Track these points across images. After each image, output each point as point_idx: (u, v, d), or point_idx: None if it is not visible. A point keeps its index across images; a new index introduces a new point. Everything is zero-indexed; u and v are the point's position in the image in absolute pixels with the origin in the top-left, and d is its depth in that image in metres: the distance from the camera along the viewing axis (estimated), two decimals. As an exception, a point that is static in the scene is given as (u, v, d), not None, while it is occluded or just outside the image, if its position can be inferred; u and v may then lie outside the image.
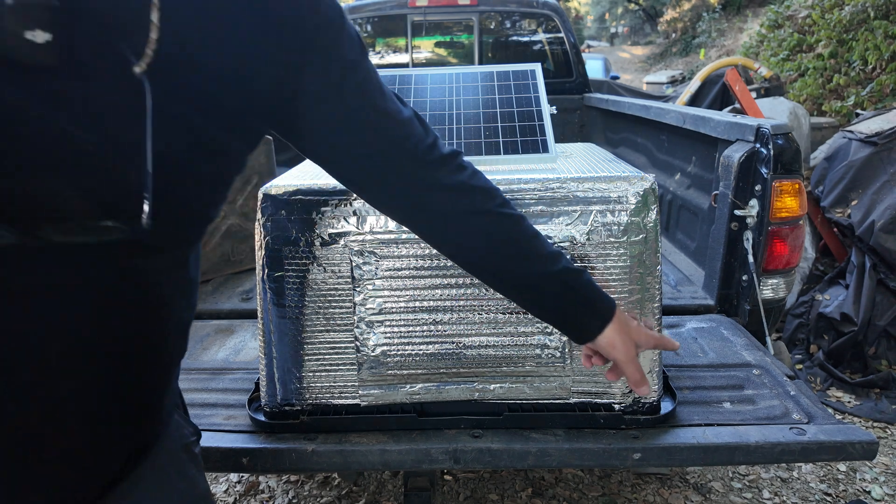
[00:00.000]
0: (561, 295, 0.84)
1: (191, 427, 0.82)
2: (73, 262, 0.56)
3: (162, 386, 0.72)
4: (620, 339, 0.85)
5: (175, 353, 0.73)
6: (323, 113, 0.70)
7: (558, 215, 1.23)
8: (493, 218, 0.80)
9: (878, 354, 2.77)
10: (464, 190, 0.79)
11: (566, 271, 0.83)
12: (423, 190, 0.78)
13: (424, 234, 0.85)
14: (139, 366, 0.66)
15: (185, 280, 0.70)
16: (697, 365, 1.53)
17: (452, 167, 0.79)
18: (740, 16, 13.80)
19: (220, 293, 2.08)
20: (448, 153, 0.79)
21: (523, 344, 1.25)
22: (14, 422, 0.57)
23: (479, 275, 0.87)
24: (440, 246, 0.85)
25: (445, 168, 0.78)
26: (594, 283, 0.86)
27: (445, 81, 1.74)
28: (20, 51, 0.45)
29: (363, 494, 2.11)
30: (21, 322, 0.55)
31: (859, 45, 5.65)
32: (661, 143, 2.60)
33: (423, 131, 0.77)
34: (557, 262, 0.82)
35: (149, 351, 0.67)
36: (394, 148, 0.75)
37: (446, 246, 0.84)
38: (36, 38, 0.45)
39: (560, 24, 3.81)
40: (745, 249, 1.72)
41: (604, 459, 1.23)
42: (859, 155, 3.06)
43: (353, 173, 0.78)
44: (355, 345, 1.26)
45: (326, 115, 0.71)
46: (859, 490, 2.13)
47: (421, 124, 0.78)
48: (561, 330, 0.91)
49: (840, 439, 1.21)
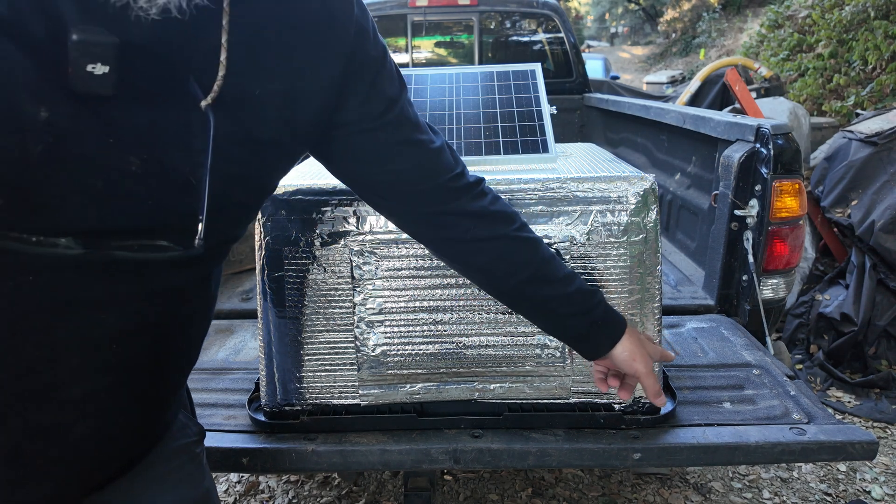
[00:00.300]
0: (576, 315, 0.88)
1: (195, 426, 0.83)
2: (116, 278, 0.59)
3: (174, 391, 0.74)
4: (640, 352, 0.90)
5: (191, 362, 0.76)
6: (359, 143, 0.75)
7: (558, 215, 1.23)
8: (512, 242, 0.84)
9: (878, 354, 2.77)
10: (485, 216, 0.83)
11: (580, 292, 0.88)
12: (448, 215, 0.82)
13: (448, 257, 0.89)
14: (158, 373, 0.69)
15: (208, 296, 0.74)
16: (697, 365, 1.53)
17: (476, 193, 0.83)
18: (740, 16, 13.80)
19: (221, 293, 2.08)
20: (473, 181, 0.84)
21: (523, 344, 1.25)
22: (29, 417, 0.58)
23: (500, 297, 0.91)
24: (465, 270, 0.89)
25: (469, 194, 0.82)
26: (606, 302, 0.91)
27: (445, 81, 1.74)
28: (82, 81, 0.49)
29: (363, 494, 2.11)
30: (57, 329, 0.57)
31: (859, 45, 5.65)
32: (661, 143, 2.60)
33: (453, 161, 0.82)
34: (572, 283, 0.87)
35: (170, 360, 0.70)
36: (424, 177, 0.79)
37: (469, 269, 0.88)
38: (95, 70, 0.50)
39: (560, 24, 3.80)
40: (745, 249, 1.72)
41: (604, 459, 1.23)
42: (859, 155, 3.06)
43: (382, 198, 0.82)
44: (355, 345, 1.26)
45: (362, 144, 0.75)
46: (859, 490, 2.13)
47: (451, 153, 0.82)
48: (575, 348, 0.95)
49: (840, 439, 1.21)
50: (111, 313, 0.59)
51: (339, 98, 0.71)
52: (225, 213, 0.65)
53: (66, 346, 0.58)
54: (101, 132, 0.52)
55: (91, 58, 0.49)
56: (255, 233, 1.23)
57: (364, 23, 0.71)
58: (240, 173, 0.65)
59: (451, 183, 0.80)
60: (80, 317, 0.57)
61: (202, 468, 0.81)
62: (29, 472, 0.60)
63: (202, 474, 0.80)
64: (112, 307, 0.59)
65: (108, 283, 0.58)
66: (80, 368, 0.59)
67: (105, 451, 0.66)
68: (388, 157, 0.76)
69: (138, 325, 0.62)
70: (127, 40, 0.51)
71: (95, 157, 0.52)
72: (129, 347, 0.62)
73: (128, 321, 0.61)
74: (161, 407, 0.73)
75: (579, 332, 0.90)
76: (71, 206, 0.52)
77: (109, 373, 0.62)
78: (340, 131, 0.73)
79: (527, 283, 0.85)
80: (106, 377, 0.62)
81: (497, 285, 0.88)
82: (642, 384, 0.91)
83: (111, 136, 0.53)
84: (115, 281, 0.58)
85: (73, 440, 0.61)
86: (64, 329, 0.57)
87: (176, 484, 0.75)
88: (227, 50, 0.57)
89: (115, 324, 0.60)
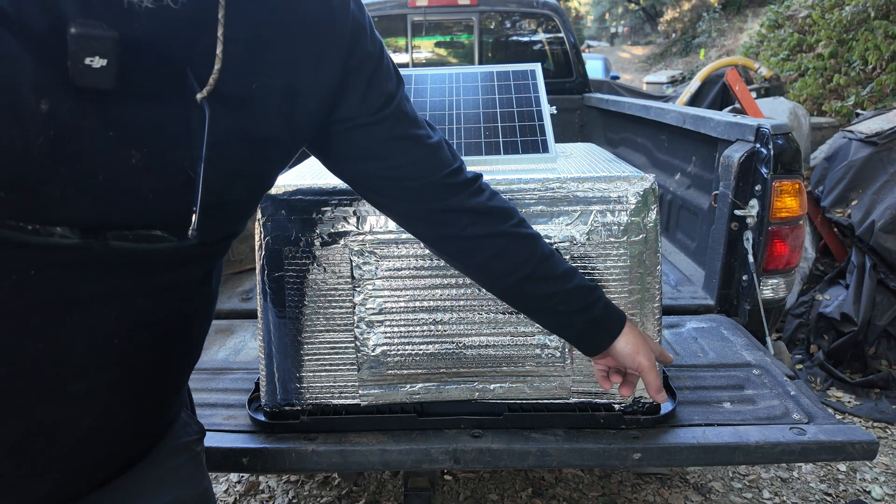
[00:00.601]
0: (576, 312, 0.88)
1: (196, 425, 0.83)
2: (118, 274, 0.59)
3: (176, 390, 0.74)
4: (643, 346, 0.89)
5: (192, 361, 0.76)
6: (357, 138, 0.75)
7: (558, 215, 1.23)
8: (511, 238, 0.84)
9: (878, 354, 2.77)
10: (483, 212, 0.83)
11: (579, 289, 0.87)
12: (447, 212, 0.81)
13: (448, 255, 0.89)
14: (160, 371, 0.69)
15: (209, 293, 0.74)
16: (697, 365, 1.53)
17: (473, 189, 0.83)
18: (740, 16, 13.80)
19: (221, 293, 2.07)
20: (471, 177, 0.84)
21: (523, 344, 1.25)
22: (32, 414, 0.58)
23: (500, 294, 0.91)
24: (465, 268, 0.89)
25: (467, 190, 0.82)
26: (606, 297, 0.90)
27: (445, 81, 1.74)
28: (80, 75, 0.50)
29: (363, 494, 2.11)
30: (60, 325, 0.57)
31: (859, 45, 5.65)
32: (661, 143, 2.60)
33: (451, 157, 0.82)
34: (572, 279, 0.87)
35: (171, 358, 0.70)
36: (422, 173, 0.79)
37: (469, 267, 0.88)
38: (94, 63, 0.50)
39: (560, 24, 3.80)
40: (745, 249, 1.72)
41: (604, 459, 1.23)
42: (859, 155, 3.06)
43: (380, 195, 0.82)
44: (355, 345, 1.26)
45: (360, 140, 0.75)
46: (859, 490, 2.13)
47: (449, 149, 0.82)
48: (576, 345, 0.94)
49: (840, 439, 1.21)
50: (113, 309, 0.60)
51: (338, 94, 0.71)
52: (223, 209, 0.65)
53: (70, 343, 0.58)
54: (102, 126, 0.53)
55: (90, 51, 0.50)
56: (255, 233, 1.23)
57: (361, 19, 0.72)
58: (238, 169, 0.65)
59: (449, 179, 0.80)
60: (82, 313, 0.58)
61: (202, 467, 0.81)
62: (31, 469, 0.60)
63: (202, 474, 0.81)
64: (114, 303, 0.60)
65: (109, 279, 0.58)
66: (83, 365, 0.60)
67: (106, 449, 0.66)
68: (386, 153, 0.77)
69: (140, 321, 0.63)
70: (126, 34, 0.52)
71: (95, 151, 0.53)
72: (131, 344, 0.63)
73: (129, 318, 0.62)
74: (163, 406, 0.73)
75: (580, 328, 0.89)
76: (70, 198, 0.53)
77: (112, 370, 0.62)
78: (338, 127, 0.74)
79: (526, 280, 0.85)
80: (109, 374, 0.62)
81: (496, 283, 0.88)
82: (644, 379, 0.90)
83: (111, 130, 0.53)
84: (117, 277, 0.59)
85: (75, 438, 0.62)
86: (67, 325, 0.57)
87: (175, 483, 0.75)
88: (224, 44, 0.58)
89: (117, 320, 0.60)
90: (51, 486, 0.62)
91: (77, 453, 0.63)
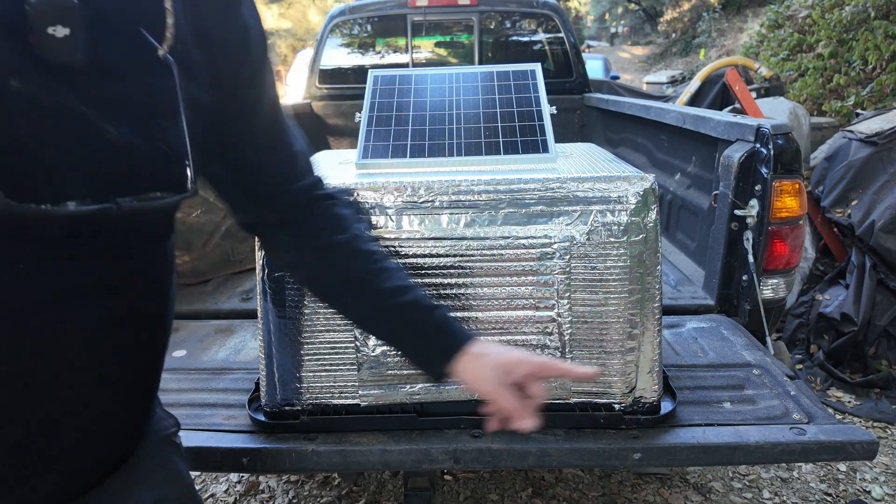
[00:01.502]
0: (404, 329, 0.81)
1: (171, 419, 0.83)
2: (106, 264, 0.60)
3: (156, 377, 0.75)
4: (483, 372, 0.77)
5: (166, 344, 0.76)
6: (250, 99, 0.74)
7: (558, 215, 1.23)
8: (342, 250, 0.81)
9: (878, 354, 2.77)
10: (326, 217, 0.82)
11: (411, 305, 0.79)
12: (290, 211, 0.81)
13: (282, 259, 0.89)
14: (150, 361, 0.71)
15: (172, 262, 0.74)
16: (697, 365, 1.53)
17: (321, 196, 0.82)
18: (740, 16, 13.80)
19: (220, 293, 2.08)
20: (317, 180, 0.84)
21: (523, 344, 1.25)
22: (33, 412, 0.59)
23: (331, 304, 0.90)
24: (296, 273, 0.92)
25: (313, 196, 0.82)
26: (449, 318, 0.81)
27: (445, 81, 1.74)
28: (46, 47, 0.49)
29: (363, 494, 2.11)
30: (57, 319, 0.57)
31: (859, 45, 5.65)
32: (661, 143, 2.60)
33: (304, 168, 0.82)
34: (402, 295, 0.79)
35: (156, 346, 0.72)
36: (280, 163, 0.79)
37: (300, 272, 0.89)
38: (56, 32, 0.49)
39: (560, 23, 3.80)
40: (745, 249, 1.72)
41: (604, 459, 1.23)
42: (859, 155, 3.06)
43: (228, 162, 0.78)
44: (355, 345, 1.25)
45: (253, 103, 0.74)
46: (859, 490, 2.13)
47: (306, 161, 0.83)
48: (416, 367, 0.84)
49: (840, 439, 1.21)
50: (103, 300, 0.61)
51: (263, 50, 0.72)
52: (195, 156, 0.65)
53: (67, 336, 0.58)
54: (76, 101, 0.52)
55: (51, 19, 0.49)
56: (255, 233, 1.23)
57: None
58: (199, 115, 0.64)
59: (299, 180, 0.81)
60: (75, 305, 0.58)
61: (185, 460, 0.82)
62: (31, 469, 0.60)
63: (186, 467, 0.82)
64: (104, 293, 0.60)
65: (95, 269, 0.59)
66: (80, 359, 0.60)
67: (104, 447, 0.66)
68: (255, 120, 0.76)
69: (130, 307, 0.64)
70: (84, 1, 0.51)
71: (75, 128, 0.52)
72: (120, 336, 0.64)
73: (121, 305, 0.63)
74: (151, 397, 0.75)
75: (412, 347, 0.83)
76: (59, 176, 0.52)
77: (107, 363, 0.63)
78: (252, 88, 0.73)
79: (353, 293, 0.81)
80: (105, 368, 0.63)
81: (326, 292, 0.86)
82: (500, 406, 0.77)
83: (84, 105, 0.53)
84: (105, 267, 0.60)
85: (75, 435, 0.62)
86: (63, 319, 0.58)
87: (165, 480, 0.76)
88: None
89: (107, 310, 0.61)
90: (51, 486, 0.62)
91: (77, 452, 0.63)
